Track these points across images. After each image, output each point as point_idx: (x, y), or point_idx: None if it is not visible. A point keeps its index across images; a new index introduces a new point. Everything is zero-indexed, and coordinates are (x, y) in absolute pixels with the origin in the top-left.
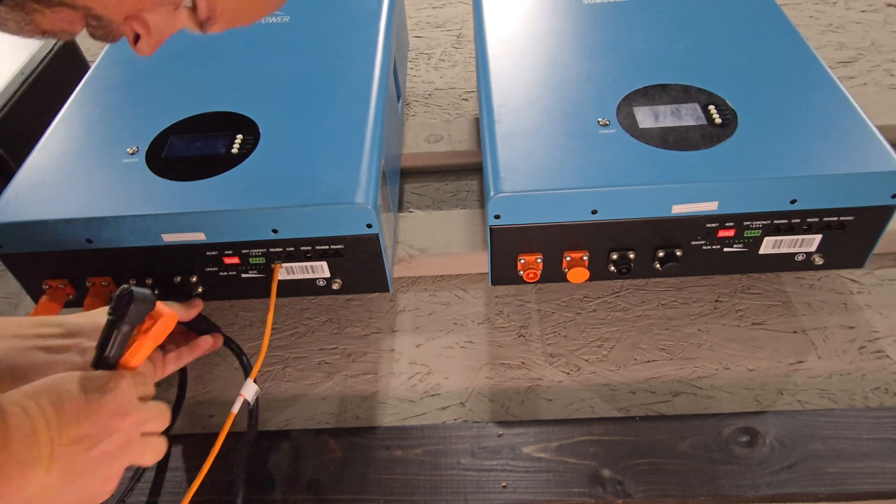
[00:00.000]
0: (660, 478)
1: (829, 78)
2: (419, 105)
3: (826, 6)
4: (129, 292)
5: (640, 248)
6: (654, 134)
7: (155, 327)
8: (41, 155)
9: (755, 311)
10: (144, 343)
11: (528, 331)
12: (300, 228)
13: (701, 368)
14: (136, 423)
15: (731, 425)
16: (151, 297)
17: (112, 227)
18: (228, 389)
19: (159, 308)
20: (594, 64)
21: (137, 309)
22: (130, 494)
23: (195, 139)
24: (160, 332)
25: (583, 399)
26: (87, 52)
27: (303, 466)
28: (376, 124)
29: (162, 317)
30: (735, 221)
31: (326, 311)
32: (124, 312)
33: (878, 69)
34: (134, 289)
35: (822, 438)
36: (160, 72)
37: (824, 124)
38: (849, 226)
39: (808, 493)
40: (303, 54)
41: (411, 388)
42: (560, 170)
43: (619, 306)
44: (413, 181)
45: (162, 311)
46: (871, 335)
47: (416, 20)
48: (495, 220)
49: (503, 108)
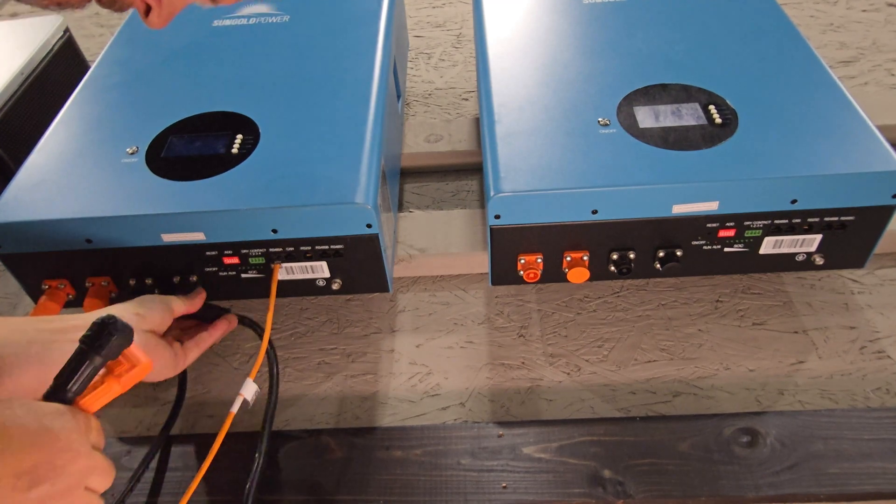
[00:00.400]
0: (660, 478)
1: (830, 78)
2: (419, 105)
3: (827, 6)
4: (112, 322)
5: (640, 248)
6: (655, 134)
7: (129, 374)
8: (41, 155)
9: (756, 312)
10: (111, 388)
11: (528, 331)
12: (300, 228)
13: (701, 369)
14: (84, 470)
15: (732, 426)
16: (132, 332)
17: (112, 227)
18: (228, 389)
19: (134, 351)
20: (594, 64)
21: (118, 343)
22: (130, 494)
23: (195, 139)
24: (131, 379)
25: (583, 399)
26: (87, 52)
27: (303, 466)
28: (376, 124)
29: (139, 364)
30: (735, 221)
31: (326, 312)
32: (102, 344)
33: (878, 69)
34: (118, 319)
35: (822, 439)
36: (160, 72)
37: (825, 124)
38: (849, 226)
39: (809, 493)
40: (303, 54)
41: (411, 389)
42: (560, 170)
43: (619, 306)
44: (413, 181)
45: (138, 356)
46: (873, 335)
47: (416, 20)
48: (495, 220)
49: (503, 107)
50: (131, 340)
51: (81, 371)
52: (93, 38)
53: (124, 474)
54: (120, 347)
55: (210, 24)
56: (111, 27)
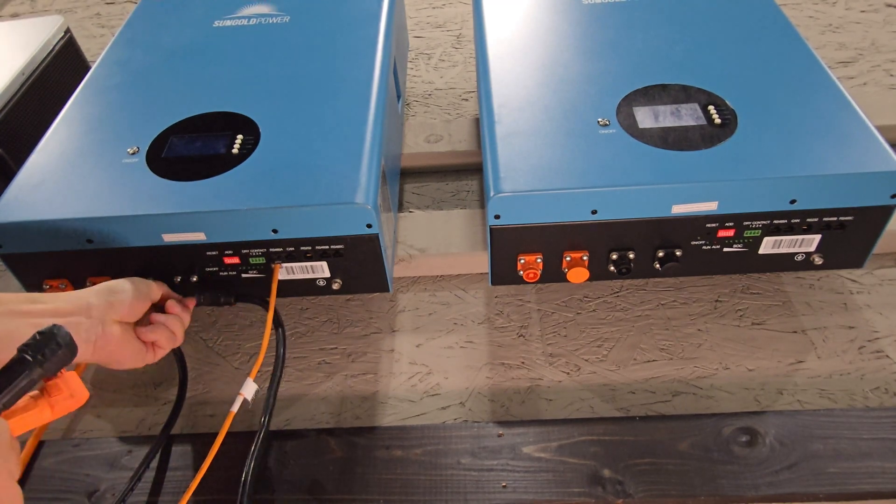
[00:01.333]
0: (660, 478)
1: (829, 78)
2: (419, 105)
3: (826, 6)
4: (62, 333)
5: (640, 248)
6: (654, 134)
7: (64, 403)
8: (41, 155)
9: (755, 311)
10: (42, 414)
11: (528, 331)
12: (300, 228)
13: (701, 368)
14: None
15: (731, 425)
16: (76, 349)
17: (112, 227)
18: (228, 389)
19: (72, 382)
20: (594, 64)
21: (61, 358)
22: (131, 494)
23: (195, 139)
24: (64, 409)
25: (583, 399)
26: (87, 53)
27: (303, 466)
28: (376, 124)
29: (76, 395)
30: (735, 221)
31: (326, 311)
32: (45, 356)
33: (877, 69)
34: (64, 332)
35: (821, 438)
36: (160, 72)
37: (824, 124)
38: (848, 226)
39: (808, 493)
40: (303, 54)
41: (411, 388)
42: (560, 170)
43: (619, 306)
44: (413, 181)
45: (76, 387)
46: (871, 335)
47: (416, 20)
48: (495, 220)
49: (503, 108)
50: (74, 356)
51: (16, 382)
52: (94, 39)
53: (125, 474)
54: (61, 363)
55: (211, 25)
56: (112, 28)
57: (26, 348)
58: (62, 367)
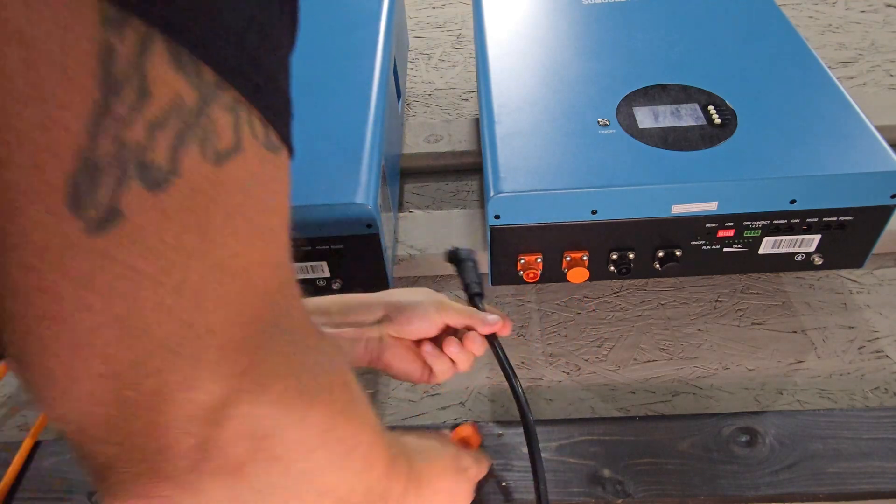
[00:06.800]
0: (660, 478)
1: (829, 78)
2: (419, 105)
3: (826, 6)
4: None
5: (639, 248)
6: (654, 134)
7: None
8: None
9: (755, 311)
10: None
11: (528, 331)
12: (300, 228)
13: (701, 368)
14: None
15: (731, 425)
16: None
17: None
18: None
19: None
20: (594, 64)
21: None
22: None
23: None
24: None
25: (583, 399)
26: None
27: None
28: (376, 124)
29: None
30: (734, 221)
31: None
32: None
33: (877, 69)
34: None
35: (821, 438)
36: None
37: (823, 124)
38: (848, 226)
39: (808, 492)
40: (303, 54)
41: (411, 388)
42: (560, 170)
43: (618, 306)
44: (413, 181)
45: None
46: (871, 335)
47: (416, 20)
48: (495, 220)
49: (503, 108)
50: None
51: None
52: None
53: None
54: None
55: None
56: None
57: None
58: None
